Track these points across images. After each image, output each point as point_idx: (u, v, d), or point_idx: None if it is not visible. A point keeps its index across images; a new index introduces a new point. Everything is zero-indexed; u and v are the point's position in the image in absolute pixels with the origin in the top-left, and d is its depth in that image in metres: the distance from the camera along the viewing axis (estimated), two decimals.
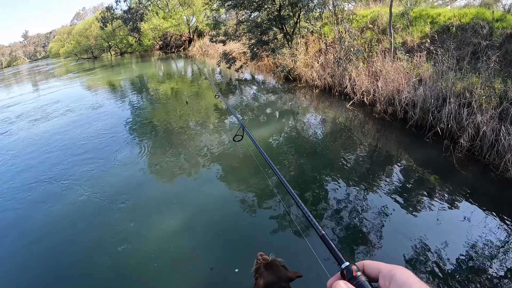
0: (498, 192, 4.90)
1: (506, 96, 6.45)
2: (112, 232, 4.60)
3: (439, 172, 5.60)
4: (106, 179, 6.25)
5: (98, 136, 8.65)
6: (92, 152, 7.69)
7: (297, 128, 8.16)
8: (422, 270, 3.47)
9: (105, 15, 39.10)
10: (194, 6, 32.26)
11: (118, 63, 33.11)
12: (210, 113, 10.13)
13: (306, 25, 13.86)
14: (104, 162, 7.05)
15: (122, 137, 8.42)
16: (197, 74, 19.51)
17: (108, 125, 9.57)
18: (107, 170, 6.65)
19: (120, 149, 7.68)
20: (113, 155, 7.32)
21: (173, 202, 5.24)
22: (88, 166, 6.92)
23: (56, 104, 13.77)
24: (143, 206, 5.19)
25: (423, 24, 10.09)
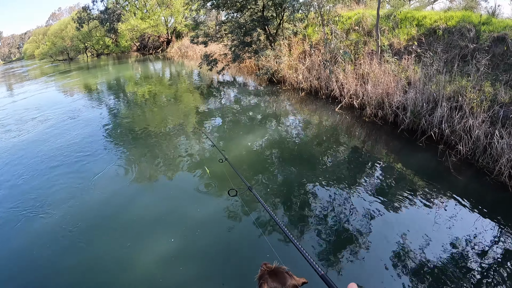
0: (494, 196, 4.85)
1: (496, 99, 6.39)
2: (92, 262, 3.99)
3: (435, 177, 5.45)
4: (84, 199, 5.44)
5: (75, 148, 7.80)
6: (69, 166, 6.81)
7: (283, 132, 7.86)
8: (420, 276, 3.36)
9: (81, 16, 38.00)
10: (172, 6, 31.71)
11: (94, 65, 32.10)
12: (190, 118, 9.70)
13: (289, 27, 13.62)
14: (83, 178, 6.18)
15: (100, 148, 7.72)
16: (176, 77, 19.01)
17: (85, 135, 8.72)
18: (85, 188, 5.83)
19: (99, 162, 6.95)
20: (91, 169, 6.58)
21: (160, 222, 4.66)
22: (64, 184, 6.06)
23: (31, 111, 12.59)
24: (127, 229, 4.55)
25: (409, 27, 9.99)
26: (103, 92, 16.08)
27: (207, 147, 7.19)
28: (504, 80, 7.00)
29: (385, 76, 8.09)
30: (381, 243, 3.89)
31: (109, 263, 3.90)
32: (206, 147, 7.24)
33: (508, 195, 4.76)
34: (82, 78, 22.15)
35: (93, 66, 31.50)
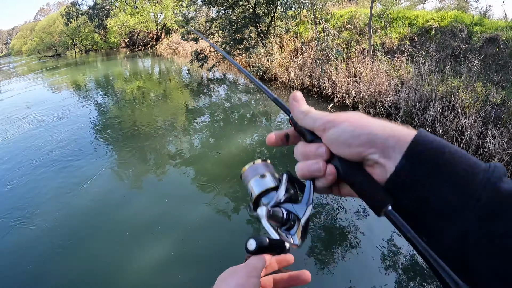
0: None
1: (488, 99, 6.40)
2: (85, 269, 3.80)
3: None
4: (76, 205, 5.11)
5: (64, 151, 7.31)
6: (58, 171, 6.33)
7: (275, 130, 7.72)
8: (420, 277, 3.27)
9: (70, 11, 37.28)
10: (162, 2, 31.34)
11: (83, 61, 31.51)
12: (181, 116, 9.53)
13: (281, 24, 13.50)
14: (73, 183, 5.76)
15: (90, 150, 7.33)
16: (166, 74, 18.75)
17: (74, 136, 8.24)
18: (76, 193, 5.46)
19: (89, 165, 6.56)
20: (81, 173, 6.15)
21: (155, 225, 4.42)
22: (54, 190, 5.63)
23: (18, 110, 11.88)
24: (121, 234, 4.31)
25: (401, 26, 9.97)
26: (92, 90, 15.74)
27: (199, 146, 7.07)
28: (496, 80, 7.03)
29: (378, 75, 8.05)
30: (376, 242, 3.86)
31: (103, 270, 3.74)
32: (198, 145, 7.11)
33: None
34: (71, 75, 21.66)
35: (82, 62, 30.95)
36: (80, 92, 14.88)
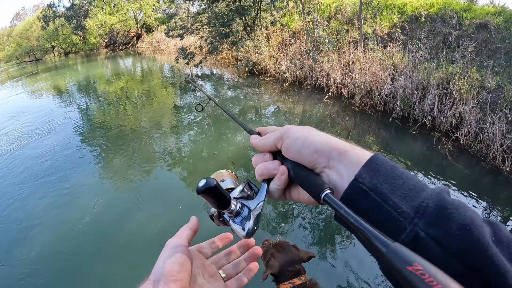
0: (491, 180, 4.94)
1: (483, 85, 6.38)
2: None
3: (433, 164, 5.42)
4: (69, 224, 4.60)
5: (51, 164, 6.67)
6: (46, 188, 5.77)
7: (270, 124, 7.53)
8: None
9: (47, 13, 36.12)
10: (141, 0, 30.72)
11: (62, 65, 30.55)
12: (169, 114, 9.24)
13: (266, 16, 13.29)
14: (64, 200, 5.27)
15: (78, 160, 6.75)
16: (149, 72, 18.32)
17: (60, 146, 7.57)
18: (68, 211, 5.00)
19: (78, 176, 6.00)
20: (72, 187, 5.63)
21: (158, 239, 4.02)
22: (44, 210, 5.12)
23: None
24: (121, 252, 3.95)
25: (390, 14, 9.89)
26: (74, 94, 15.10)
27: (193, 146, 6.83)
28: (489, 66, 7.01)
29: (372, 64, 7.94)
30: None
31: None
32: (192, 145, 6.87)
33: (502, 178, 4.85)
34: (51, 80, 20.88)
35: (62, 66, 30.03)
36: (63, 98, 14.26)
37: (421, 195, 0.42)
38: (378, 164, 0.46)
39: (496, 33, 7.82)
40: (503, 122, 5.55)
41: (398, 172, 0.45)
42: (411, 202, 0.41)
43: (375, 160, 0.47)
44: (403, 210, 0.41)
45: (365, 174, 0.45)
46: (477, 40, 7.83)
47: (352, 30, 10.13)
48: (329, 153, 0.51)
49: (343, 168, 0.49)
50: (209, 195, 0.54)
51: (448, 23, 8.63)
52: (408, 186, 0.43)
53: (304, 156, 0.53)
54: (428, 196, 0.41)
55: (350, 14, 10.96)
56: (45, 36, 38.66)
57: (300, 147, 0.53)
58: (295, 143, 0.54)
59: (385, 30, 9.55)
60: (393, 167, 0.46)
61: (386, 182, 0.44)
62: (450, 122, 6.18)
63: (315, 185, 0.50)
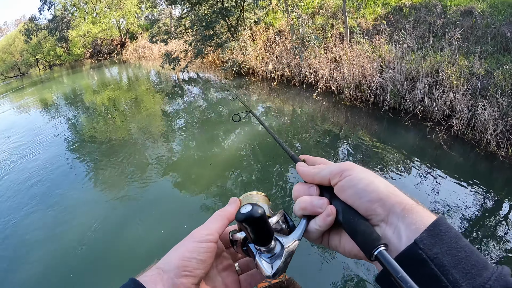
0: (486, 166, 4.96)
1: (472, 71, 6.34)
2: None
3: (427, 154, 5.39)
4: (64, 240, 4.45)
5: (42, 180, 6.44)
6: (38, 204, 5.56)
7: (260, 125, 7.39)
8: None
9: (29, 27, 35.64)
10: (123, 7, 30.42)
11: (48, 78, 30.10)
12: (159, 121, 9.05)
13: (250, 16, 13.18)
14: (57, 217, 5.07)
15: (70, 173, 6.54)
16: (135, 80, 18.08)
17: (51, 162, 7.31)
18: (62, 228, 4.78)
19: (72, 191, 5.82)
20: (65, 203, 5.43)
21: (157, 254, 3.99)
22: (37, 228, 4.93)
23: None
24: (119, 269, 3.77)
25: (374, 6, 9.84)
26: (62, 107, 14.79)
27: (185, 153, 6.67)
28: (477, 52, 6.97)
29: (359, 57, 7.87)
30: None
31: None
32: (184, 153, 6.72)
33: (498, 163, 4.86)
34: (38, 94, 20.45)
35: (47, 79, 29.60)
36: (50, 112, 13.95)
37: (483, 274, 0.38)
38: (441, 231, 0.41)
39: (481, 19, 7.78)
40: (495, 107, 5.51)
41: (462, 243, 0.40)
42: (472, 281, 0.37)
43: (438, 226, 0.42)
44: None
45: (427, 240, 0.41)
46: (463, 27, 7.78)
47: (337, 24, 10.06)
48: (392, 207, 0.46)
49: (404, 227, 0.44)
50: (250, 226, 0.47)
51: (433, 11, 8.59)
52: (470, 261, 0.39)
53: (362, 202, 0.48)
54: (492, 277, 0.37)
55: (334, 8, 10.90)
56: (29, 49, 38.16)
57: (361, 190, 0.48)
58: (357, 184, 0.48)
59: (370, 22, 9.49)
60: (457, 236, 0.41)
61: (448, 253, 0.40)
62: (441, 111, 6.13)
63: (369, 238, 0.44)
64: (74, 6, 32.54)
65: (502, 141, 5.08)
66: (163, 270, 0.47)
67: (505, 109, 5.49)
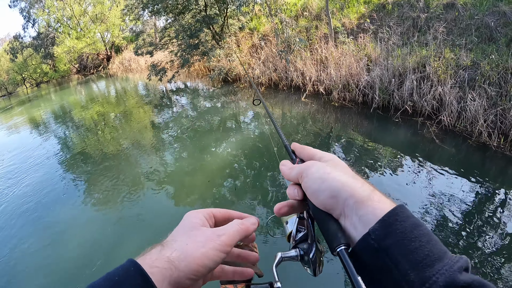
0: (479, 157, 4.96)
1: (459, 64, 6.34)
2: None
3: (419, 149, 5.35)
4: (59, 264, 4.29)
5: (34, 201, 6.19)
6: (30, 227, 5.41)
7: (252, 132, 7.31)
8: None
9: (14, 45, 35.37)
10: (107, 21, 30.30)
11: (36, 96, 29.73)
12: (149, 133, 8.91)
13: (234, 22, 13.13)
14: (51, 239, 4.92)
15: (62, 193, 6.30)
16: (123, 93, 17.92)
17: (42, 182, 7.03)
18: (57, 251, 4.65)
19: (65, 211, 5.65)
20: (58, 224, 5.29)
21: None
22: (31, 251, 4.78)
23: None
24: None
25: (357, 5, 9.85)
26: (51, 125, 14.50)
27: (178, 165, 6.54)
28: (462, 44, 6.97)
29: (345, 57, 7.84)
30: None
31: None
32: (177, 165, 6.59)
33: (490, 153, 4.88)
34: (26, 113, 20.12)
35: (35, 97, 29.26)
36: (40, 131, 13.67)
37: (434, 265, 0.38)
38: (397, 220, 0.42)
39: (464, 11, 7.81)
40: (483, 98, 5.53)
41: (418, 232, 0.40)
42: (421, 272, 0.38)
43: (394, 216, 0.42)
44: (410, 279, 0.38)
45: (379, 231, 0.42)
46: (446, 20, 7.80)
47: (321, 25, 10.05)
48: (345, 201, 0.47)
49: (357, 220, 0.46)
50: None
51: (416, 7, 8.61)
52: (423, 251, 0.39)
53: (320, 201, 0.51)
54: (441, 270, 0.37)
55: (317, 10, 10.90)
56: (15, 68, 37.76)
57: (316, 190, 0.51)
58: (312, 185, 0.52)
59: (353, 22, 9.48)
60: (414, 225, 0.41)
61: (400, 243, 0.40)
62: (431, 105, 6.12)
63: (332, 235, 0.48)
64: (58, 22, 32.37)
65: (493, 131, 5.10)
66: (177, 268, 0.45)
67: (494, 99, 5.50)
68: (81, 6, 30.65)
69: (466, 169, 4.61)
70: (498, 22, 7.20)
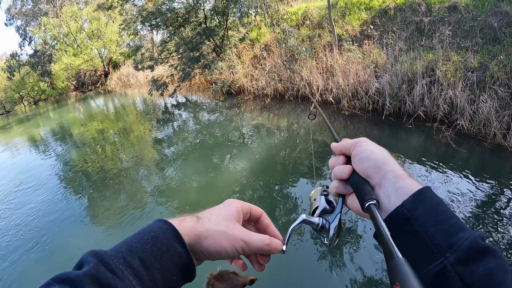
0: (496, 159, 4.96)
1: (467, 66, 6.34)
2: None
3: (437, 155, 5.31)
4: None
5: (35, 224, 6.07)
6: (32, 254, 5.27)
7: (264, 147, 7.19)
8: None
9: (11, 63, 35.36)
10: (104, 37, 30.31)
11: (34, 114, 29.59)
12: (153, 150, 8.82)
13: (233, 34, 13.13)
14: (54, 262, 4.87)
15: (65, 216, 6.12)
16: (122, 109, 17.82)
17: (44, 200, 6.99)
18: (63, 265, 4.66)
19: (68, 235, 5.54)
20: (62, 249, 5.16)
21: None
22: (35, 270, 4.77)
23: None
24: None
25: (358, 12, 9.86)
26: (51, 144, 14.27)
27: (183, 181, 6.45)
28: (468, 46, 6.99)
29: (352, 65, 7.81)
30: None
31: None
32: (182, 180, 6.50)
33: (506, 154, 4.90)
34: (26, 133, 20.03)
35: (33, 115, 29.14)
36: (39, 149, 13.55)
37: (459, 234, 0.44)
38: (426, 197, 0.49)
39: (466, 13, 7.84)
40: (495, 99, 5.54)
41: (443, 208, 0.47)
42: (448, 238, 0.44)
43: (424, 192, 0.50)
44: (438, 243, 0.44)
45: (412, 203, 0.49)
46: (450, 23, 7.82)
47: (323, 34, 10.05)
48: (386, 173, 0.55)
49: (393, 192, 0.53)
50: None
51: (418, 11, 8.63)
52: (449, 223, 0.46)
53: (363, 167, 0.59)
54: (465, 236, 0.43)
55: (318, 18, 10.91)
56: (12, 86, 37.64)
57: (364, 158, 0.59)
58: (361, 153, 0.60)
59: (356, 28, 9.49)
60: (439, 203, 0.48)
61: (429, 214, 0.47)
62: (443, 109, 6.08)
63: (364, 192, 0.56)
64: (55, 40, 32.37)
65: (507, 132, 5.10)
66: (201, 244, 0.54)
67: (506, 99, 5.49)
68: (77, 23, 30.62)
69: (483, 171, 4.62)
70: (501, 22, 7.22)
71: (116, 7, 14.15)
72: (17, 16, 37.87)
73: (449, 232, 0.44)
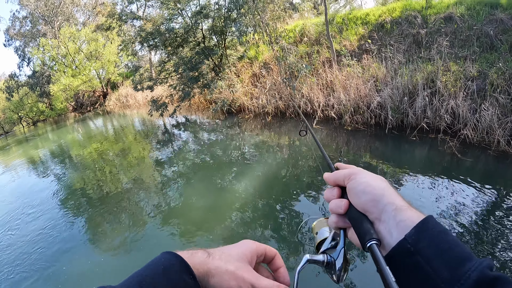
0: (501, 167, 4.96)
1: (466, 75, 6.41)
2: None
3: (441, 166, 5.29)
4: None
5: (36, 251, 6.00)
6: (36, 272, 5.26)
7: (265, 165, 7.14)
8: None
9: (10, 84, 35.59)
10: (102, 58, 30.52)
11: (33, 135, 29.56)
12: (154, 171, 8.78)
13: (231, 53, 13.22)
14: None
15: (67, 241, 6.02)
16: (122, 130, 17.80)
17: (44, 224, 6.84)
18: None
19: (70, 259, 5.46)
20: (65, 274, 5.15)
21: None
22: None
23: None
24: None
25: (355, 27, 9.99)
26: (50, 165, 14.16)
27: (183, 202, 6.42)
28: (465, 55, 7.08)
29: (352, 80, 7.86)
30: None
31: None
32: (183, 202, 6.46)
33: (511, 161, 4.94)
34: (25, 155, 20.04)
35: (32, 136, 29.08)
36: (38, 171, 13.46)
37: (466, 264, 0.43)
38: (428, 227, 0.48)
39: (462, 23, 7.95)
40: (496, 107, 5.60)
41: (447, 238, 0.46)
42: (454, 270, 0.43)
43: (426, 223, 0.48)
44: (444, 276, 0.43)
45: (415, 236, 0.48)
46: (447, 34, 7.92)
47: (321, 50, 10.15)
48: (385, 206, 0.54)
49: (394, 226, 0.51)
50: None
51: (414, 23, 8.75)
52: (454, 253, 0.44)
53: (360, 202, 0.57)
54: (472, 267, 0.42)
55: (315, 35, 11.03)
56: (11, 107, 37.66)
57: (360, 192, 0.58)
58: (357, 187, 0.58)
59: (354, 43, 9.59)
60: (442, 232, 0.47)
61: (432, 246, 0.46)
62: (446, 119, 6.12)
63: (364, 231, 0.54)
64: (53, 60, 32.55)
65: (511, 138, 5.19)
66: (208, 281, 0.53)
67: (507, 106, 5.58)
68: (76, 44, 30.87)
69: (489, 179, 4.61)
70: (497, 30, 7.34)
71: (115, 27, 14.29)
72: (16, 37, 38.31)
73: (455, 263, 0.43)
